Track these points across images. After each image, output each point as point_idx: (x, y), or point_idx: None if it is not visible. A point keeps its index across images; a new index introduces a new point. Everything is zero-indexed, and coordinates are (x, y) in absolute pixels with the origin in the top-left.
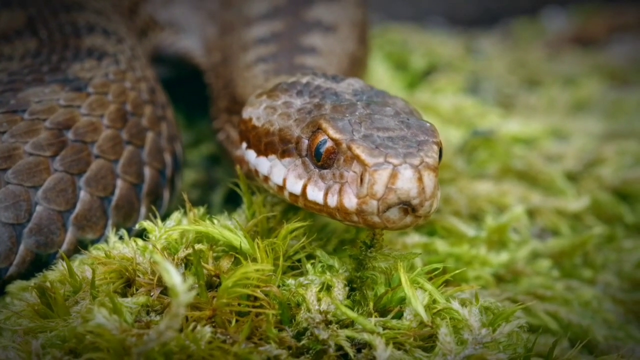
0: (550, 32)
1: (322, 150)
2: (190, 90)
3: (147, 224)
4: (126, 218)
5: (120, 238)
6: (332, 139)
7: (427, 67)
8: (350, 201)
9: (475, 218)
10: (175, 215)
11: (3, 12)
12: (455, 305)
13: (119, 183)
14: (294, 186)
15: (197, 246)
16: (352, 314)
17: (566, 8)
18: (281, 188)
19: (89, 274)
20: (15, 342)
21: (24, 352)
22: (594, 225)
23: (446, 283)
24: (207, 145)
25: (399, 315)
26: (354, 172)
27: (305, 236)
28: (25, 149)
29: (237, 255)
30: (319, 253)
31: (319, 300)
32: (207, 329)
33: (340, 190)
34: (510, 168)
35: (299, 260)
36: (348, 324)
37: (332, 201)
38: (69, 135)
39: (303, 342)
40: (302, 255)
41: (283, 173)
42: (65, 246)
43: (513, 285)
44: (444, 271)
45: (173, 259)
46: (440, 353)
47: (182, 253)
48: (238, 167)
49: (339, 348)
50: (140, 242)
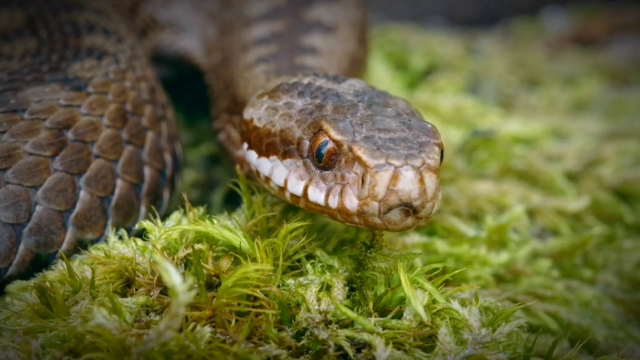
0: (550, 32)
1: (324, 151)
2: (190, 90)
3: (147, 224)
4: (126, 218)
5: (120, 238)
6: (334, 140)
7: (427, 67)
8: (351, 202)
9: (475, 218)
10: (175, 215)
11: (3, 12)
12: (455, 305)
13: (119, 183)
14: (295, 187)
15: (197, 246)
16: (352, 314)
17: (566, 8)
18: (282, 189)
19: (89, 274)
20: (14, 342)
21: (24, 352)
22: (594, 225)
23: (446, 283)
24: (207, 145)
25: (399, 315)
26: (355, 174)
27: (305, 236)
28: (25, 149)
29: (237, 255)
30: (319, 253)
31: (319, 300)
32: (207, 329)
33: (341, 191)
34: (510, 168)
35: (299, 260)
36: (348, 324)
37: (334, 202)
38: (69, 134)
39: (303, 342)
40: (302, 255)
41: (284, 174)
42: (65, 246)
43: (513, 285)
44: (444, 271)
45: (173, 259)
46: (440, 353)
47: (182, 253)
48: (238, 167)
49: (339, 348)
50: (140, 242)
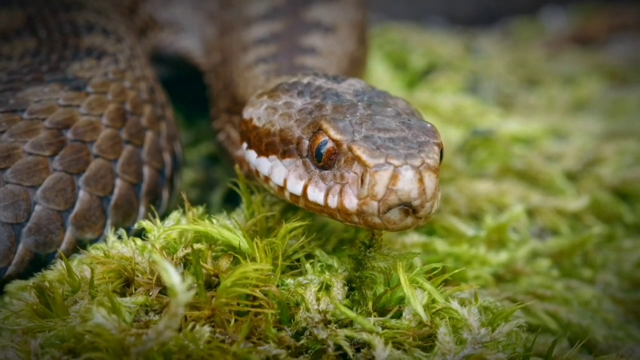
0: (549, 32)
1: (323, 151)
2: (189, 89)
3: (146, 224)
4: (125, 217)
5: (119, 237)
6: (333, 140)
7: (427, 67)
8: (350, 202)
9: (474, 217)
10: (174, 214)
11: (2, 12)
12: (454, 304)
13: (118, 182)
14: (295, 187)
15: (196, 246)
16: (351, 314)
17: (566, 7)
18: (282, 188)
19: (88, 274)
20: (14, 342)
21: (23, 352)
22: (594, 224)
23: (445, 283)
24: (207, 144)
25: (398, 314)
26: (355, 173)
27: (304, 236)
28: (24, 149)
29: (236, 254)
30: (318, 253)
31: (318, 299)
32: (206, 329)
33: (340, 191)
34: (509, 167)
35: (298, 259)
36: (347, 324)
37: (333, 202)
38: (68, 134)
39: (302, 342)
40: (301, 254)
41: (284, 173)
42: (64, 246)
43: (512, 284)
44: (443, 271)
45: (172, 259)
46: (439, 353)
47: (181, 252)
48: (237, 167)
49: (338, 348)
50: (139, 242)
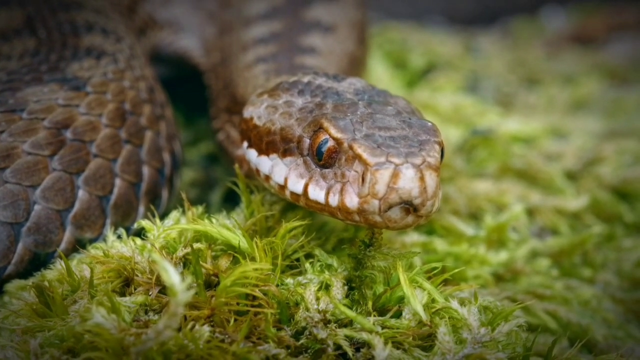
0: (549, 31)
1: (324, 149)
2: (189, 89)
3: (146, 223)
4: (125, 217)
5: (118, 237)
6: (334, 139)
7: (426, 66)
8: (351, 200)
9: (474, 217)
10: (173, 214)
11: (1, 11)
12: (454, 304)
13: (118, 182)
14: (296, 185)
15: (196, 245)
16: (351, 313)
17: (565, 7)
18: (282, 187)
19: (88, 273)
20: (13, 342)
21: (22, 352)
22: (594, 224)
23: (445, 282)
24: (206, 144)
25: (398, 314)
26: (356, 172)
27: (303, 235)
28: (23, 148)
29: (236, 254)
30: (318, 252)
31: (318, 299)
32: (206, 328)
33: (341, 189)
34: (509, 167)
35: (298, 259)
36: (347, 323)
37: (334, 200)
38: (68, 134)
39: (302, 342)
40: (301, 254)
41: (284, 172)
42: (63, 245)
43: (512, 284)
44: (443, 270)
45: (171, 258)
46: (439, 352)
47: (181, 252)
48: (237, 166)
49: (338, 347)
50: (138, 241)
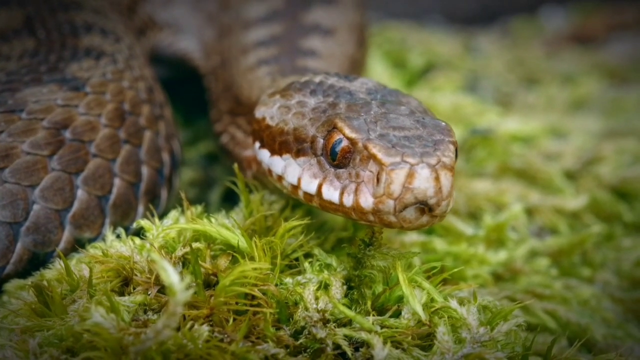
0: (548, 31)
1: (338, 149)
2: (188, 89)
3: (145, 223)
4: (124, 217)
5: (117, 237)
6: (348, 138)
7: (426, 66)
8: (366, 201)
9: (473, 216)
10: (172, 213)
11: (1, 12)
12: (453, 303)
13: (117, 182)
14: (309, 185)
15: (195, 245)
16: (350, 313)
17: (565, 6)
18: (296, 187)
19: (87, 273)
20: (12, 341)
21: (21, 351)
22: (593, 223)
23: (444, 282)
24: (205, 143)
25: (397, 314)
26: (370, 172)
27: (303, 234)
28: (22, 148)
29: (235, 253)
30: (317, 251)
31: (317, 298)
32: (205, 328)
33: (356, 189)
34: (508, 166)
35: (297, 258)
36: (346, 323)
37: (348, 201)
38: (67, 134)
39: (301, 341)
40: (300, 253)
41: (298, 172)
42: (62, 245)
43: (511, 283)
44: (442, 270)
45: (170, 258)
46: (438, 352)
47: (180, 252)
48: (236, 166)
49: (337, 347)
50: (137, 241)
